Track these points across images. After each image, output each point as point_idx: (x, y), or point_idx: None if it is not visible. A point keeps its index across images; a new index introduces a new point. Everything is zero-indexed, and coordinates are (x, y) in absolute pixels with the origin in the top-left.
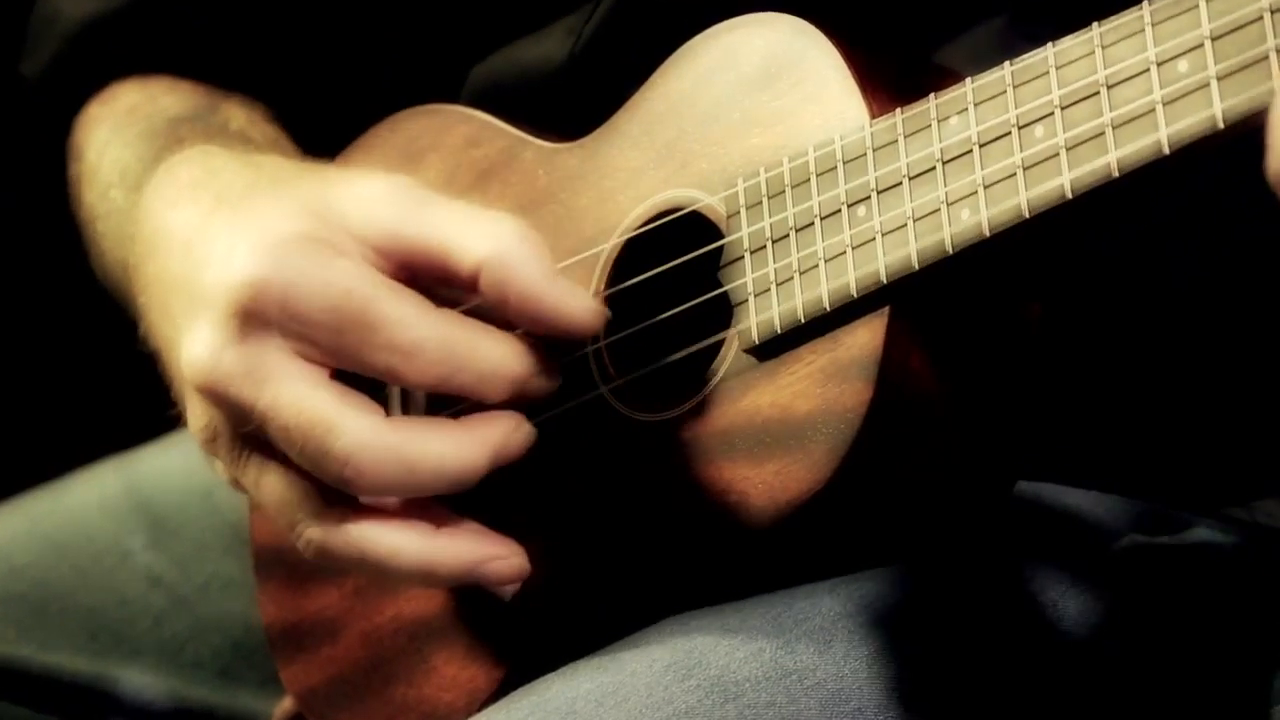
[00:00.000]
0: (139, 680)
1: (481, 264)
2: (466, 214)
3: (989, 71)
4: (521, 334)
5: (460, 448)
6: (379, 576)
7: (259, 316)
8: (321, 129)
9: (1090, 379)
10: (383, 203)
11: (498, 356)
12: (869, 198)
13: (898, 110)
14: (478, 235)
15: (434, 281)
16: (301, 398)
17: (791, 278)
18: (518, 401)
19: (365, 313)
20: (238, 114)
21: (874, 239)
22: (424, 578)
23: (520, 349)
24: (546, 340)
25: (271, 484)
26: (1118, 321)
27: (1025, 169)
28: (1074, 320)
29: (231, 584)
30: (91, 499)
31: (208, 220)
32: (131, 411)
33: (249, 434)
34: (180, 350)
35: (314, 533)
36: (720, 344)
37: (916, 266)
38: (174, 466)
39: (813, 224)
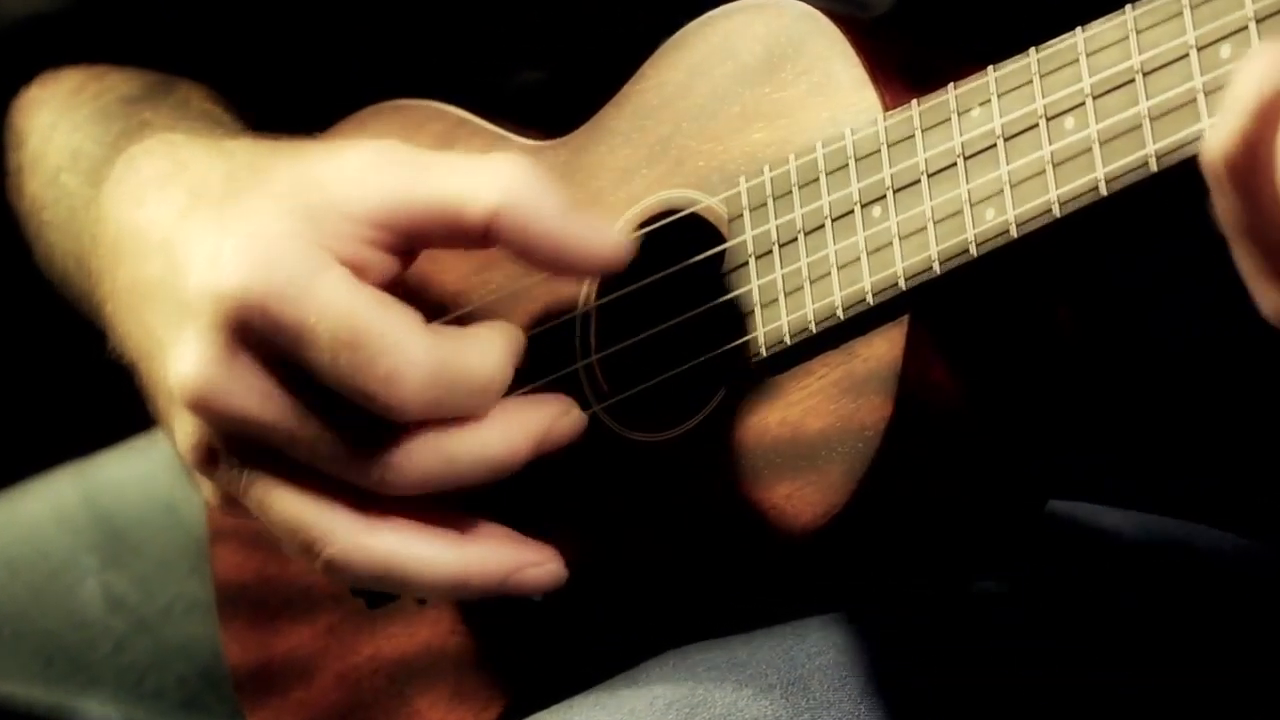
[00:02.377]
0: (97, 711)
1: (494, 212)
2: (466, 164)
3: (1012, 59)
4: (512, 327)
5: (496, 435)
6: (406, 591)
7: (250, 327)
8: (283, 127)
9: (1129, 388)
10: (375, 173)
11: (491, 367)
12: (884, 197)
13: (914, 102)
14: (484, 183)
15: (446, 242)
16: (305, 408)
17: (801, 285)
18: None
19: (355, 333)
20: (194, 93)
21: (891, 242)
22: (455, 589)
23: (511, 343)
24: (531, 347)
25: (280, 503)
26: (1156, 327)
27: (1055, 164)
28: (1108, 326)
29: (197, 606)
30: (45, 511)
31: (185, 220)
32: (89, 415)
33: (251, 451)
34: (166, 364)
35: (334, 550)
36: (724, 357)
37: (938, 271)
38: (135, 476)
39: (823, 226)
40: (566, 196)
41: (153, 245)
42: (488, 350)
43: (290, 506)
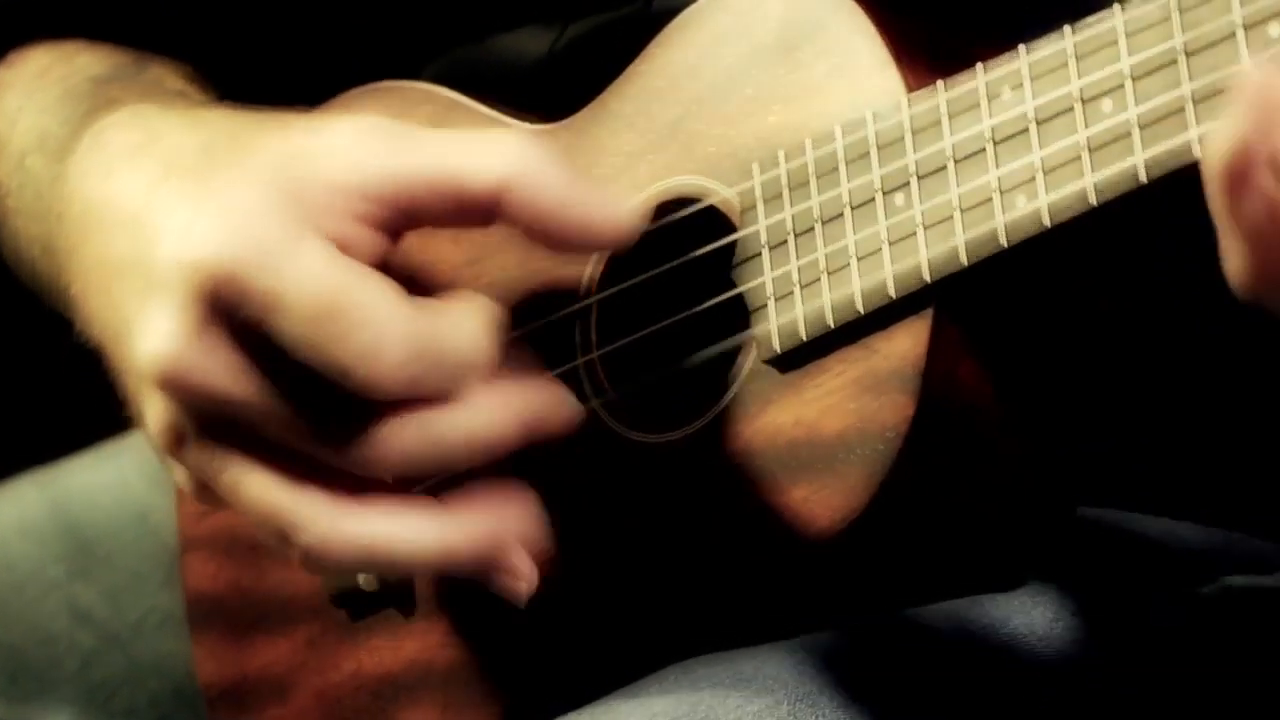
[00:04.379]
0: None
1: (501, 183)
2: (464, 137)
3: (1046, 40)
4: (485, 298)
5: (485, 413)
6: (390, 572)
7: (224, 300)
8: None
9: (1168, 387)
10: (368, 142)
11: (470, 342)
12: (908, 184)
13: (939, 84)
14: (488, 154)
15: (445, 218)
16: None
17: (818, 277)
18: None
19: (335, 303)
20: (169, 73)
21: (915, 232)
22: (444, 565)
23: (487, 316)
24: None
25: (254, 487)
26: (1196, 321)
27: (1091, 149)
28: (1151, 320)
29: (170, 620)
30: (9, 521)
31: (156, 190)
32: (55, 418)
33: (223, 432)
34: (134, 341)
35: (312, 535)
36: (734, 354)
37: (965, 262)
38: (105, 483)
39: (842, 215)
40: (573, 170)
41: (122, 218)
42: (470, 324)
43: (265, 491)
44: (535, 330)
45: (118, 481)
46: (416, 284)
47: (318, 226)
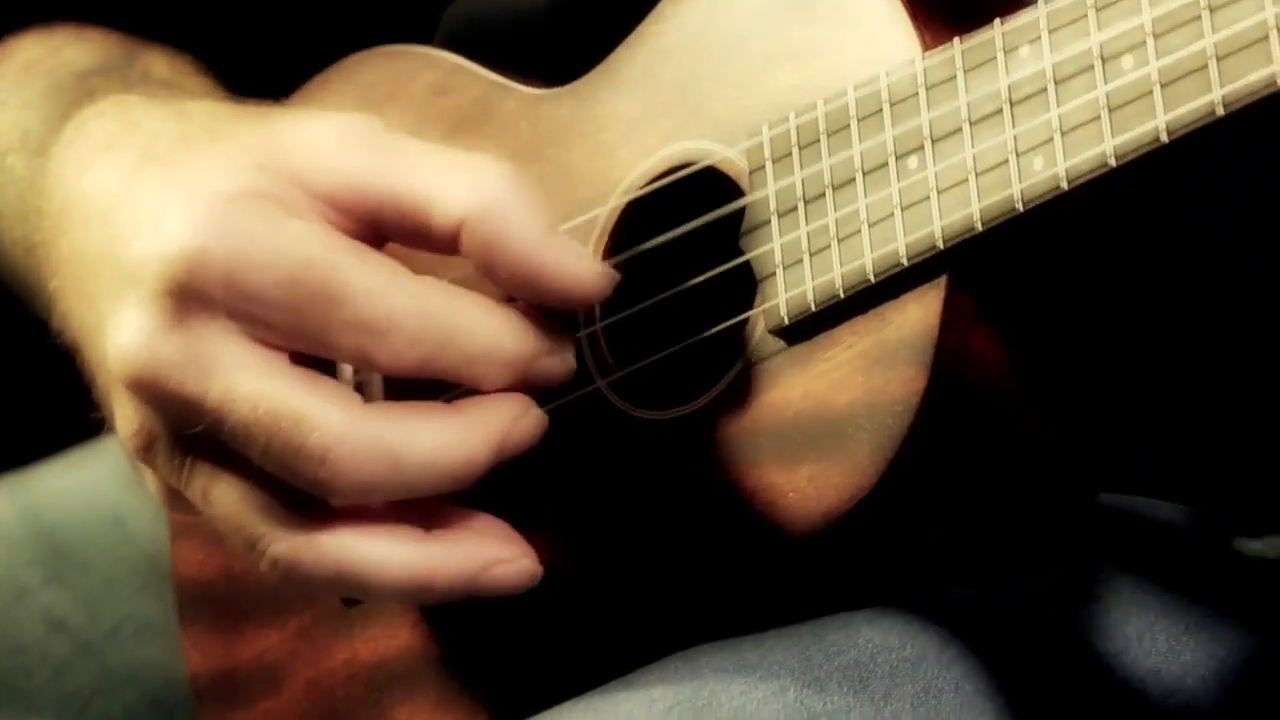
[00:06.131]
0: None
1: (464, 219)
2: (443, 158)
3: None
4: (522, 305)
5: (456, 438)
6: (362, 595)
7: (199, 293)
8: (265, 86)
9: (1194, 365)
10: (342, 147)
11: (490, 332)
12: (922, 147)
13: (955, 40)
14: (459, 184)
15: (407, 241)
16: (260, 388)
17: (828, 244)
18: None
19: (327, 284)
20: (160, 63)
21: (928, 196)
22: (417, 592)
23: (519, 323)
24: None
25: (225, 495)
26: (1226, 295)
27: (1111, 109)
28: (1176, 291)
29: (147, 628)
30: None
31: (132, 181)
32: (27, 421)
33: (194, 436)
34: (105, 339)
35: (281, 548)
36: (742, 326)
37: (980, 228)
38: (79, 487)
39: (853, 179)
40: (537, 178)
41: (98, 211)
42: (491, 312)
43: (235, 501)
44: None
45: (92, 486)
46: (412, 255)
47: (291, 214)
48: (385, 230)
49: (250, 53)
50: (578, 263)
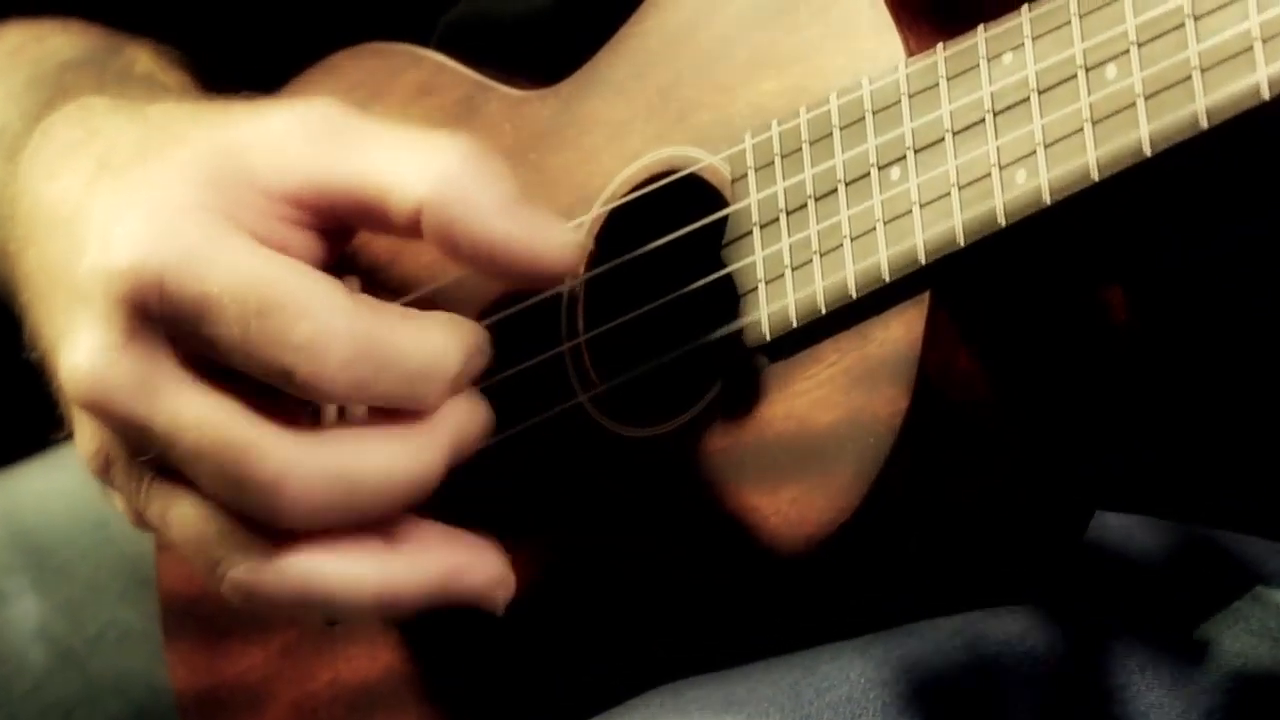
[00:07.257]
0: None
1: (421, 205)
2: (400, 143)
3: None
4: (474, 323)
5: (408, 454)
6: (330, 615)
7: (143, 311)
8: (264, 85)
9: (1189, 383)
10: (297, 142)
11: (430, 350)
12: (904, 157)
13: (939, 46)
14: (415, 170)
15: (376, 231)
16: (205, 415)
17: (810, 259)
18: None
19: (262, 301)
20: (143, 57)
21: (910, 209)
22: (385, 607)
23: (465, 336)
24: (510, 328)
25: (182, 518)
26: (1221, 312)
27: (1094, 120)
28: (1165, 309)
29: (131, 635)
30: None
31: (88, 191)
32: (6, 422)
33: (149, 457)
34: (60, 358)
35: (240, 571)
36: (723, 341)
37: (962, 243)
38: (60, 489)
39: (835, 190)
40: (519, 183)
41: (59, 221)
42: (439, 336)
43: (189, 523)
44: (519, 312)
45: (74, 489)
46: (391, 263)
47: (247, 226)
48: (349, 223)
49: (248, 51)
50: (544, 235)
